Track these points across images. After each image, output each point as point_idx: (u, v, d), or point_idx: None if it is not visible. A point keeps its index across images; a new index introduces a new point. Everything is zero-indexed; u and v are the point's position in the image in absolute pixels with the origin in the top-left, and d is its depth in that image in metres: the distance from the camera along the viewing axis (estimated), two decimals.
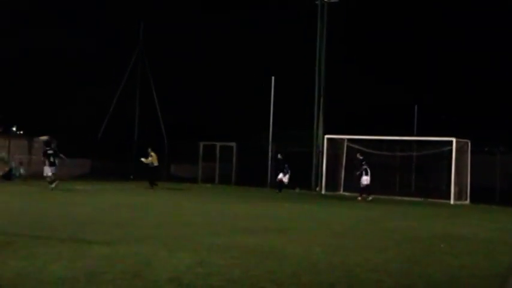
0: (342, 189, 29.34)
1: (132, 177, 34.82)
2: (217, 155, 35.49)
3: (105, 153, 35.31)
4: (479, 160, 27.50)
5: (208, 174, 34.78)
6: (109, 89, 39.04)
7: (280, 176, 28.60)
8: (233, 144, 34.76)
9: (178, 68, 44.25)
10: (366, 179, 25.31)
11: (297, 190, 29.66)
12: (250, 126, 40.18)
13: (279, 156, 29.47)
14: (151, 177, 27.76)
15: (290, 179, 28.65)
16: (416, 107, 39.65)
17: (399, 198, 26.83)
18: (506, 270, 7.29)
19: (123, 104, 38.79)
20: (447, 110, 41.71)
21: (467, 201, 26.00)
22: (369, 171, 25.38)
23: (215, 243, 10.49)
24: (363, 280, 7.86)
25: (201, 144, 35.42)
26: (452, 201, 25.51)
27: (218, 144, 35.58)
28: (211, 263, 8.54)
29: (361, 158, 26.01)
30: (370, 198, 25.06)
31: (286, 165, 28.70)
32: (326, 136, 30.40)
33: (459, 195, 26.10)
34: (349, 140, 29.70)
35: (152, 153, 28.06)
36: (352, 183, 27.93)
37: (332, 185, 29.44)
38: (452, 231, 14.42)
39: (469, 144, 26.91)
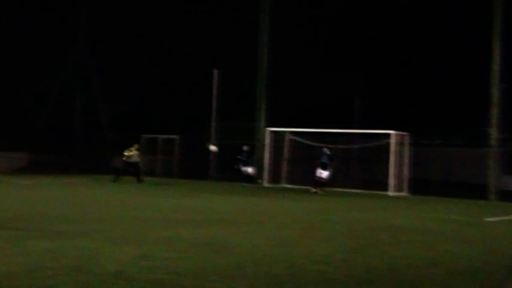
0: (284, 181, 29.62)
1: (72, 170, 34.21)
2: (159, 147, 35.25)
3: (44, 146, 34.55)
4: (418, 152, 28.28)
5: (151, 168, 34.52)
6: (48, 79, 38.16)
7: (247, 169, 28.32)
8: (176, 137, 34.58)
9: (120, 59, 43.59)
10: (327, 173, 25.43)
11: (259, 181, 29.78)
12: (193, 119, 40.01)
13: (245, 148, 29.15)
14: (135, 172, 27.44)
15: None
16: (357, 99, 40.35)
17: (341, 190, 27.31)
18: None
19: (64, 95, 38.02)
20: (387, 103, 42.54)
21: (406, 193, 26.69)
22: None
23: (160, 237, 10.45)
24: (306, 271, 8.00)
25: (143, 137, 35.10)
26: (391, 193, 26.15)
27: (160, 136, 35.34)
28: (156, 256, 8.52)
29: (328, 152, 26.06)
30: (314, 190, 25.36)
31: (252, 158, 28.55)
32: (268, 129, 30.61)
33: (398, 187, 26.77)
34: (291, 132, 30.01)
35: (134, 149, 27.83)
36: (295, 176, 28.28)
37: (274, 177, 29.70)
38: (392, 222, 14.80)
39: (408, 137, 27.61)
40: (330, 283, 7.35)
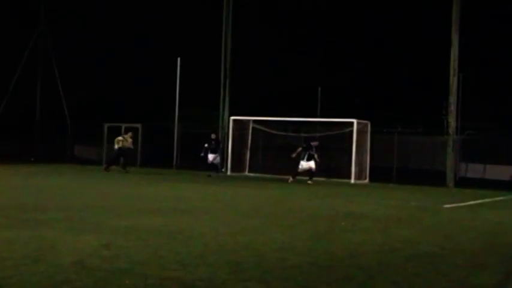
0: (247, 170, 29.70)
1: (33, 159, 33.69)
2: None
3: (3, 135, 33.93)
4: (378, 140, 28.67)
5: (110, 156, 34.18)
6: (7, 66, 37.40)
7: (213, 157, 27.88)
8: (138, 125, 34.32)
9: (82, 46, 42.98)
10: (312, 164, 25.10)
11: (223, 170, 29.74)
12: (156, 107, 39.76)
13: (213, 136, 28.60)
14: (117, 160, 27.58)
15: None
16: (319, 88, 40.61)
17: (304, 178, 27.49)
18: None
19: (24, 82, 37.33)
20: (349, 92, 42.94)
21: (367, 181, 27.04)
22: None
23: (121, 226, 10.42)
24: (268, 259, 8.08)
25: (106, 125, 34.72)
26: (352, 181, 26.46)
27: (123, 125, 35.01)
28: (117, 246, 8.50)
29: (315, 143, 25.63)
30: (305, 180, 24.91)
31: (220, 146, 28.25)
32: (231, 117, 30.61)
33: (359, 175, 27.09)
34: (254, 121, 30.07)
35: (128, 137, 27.74)
36: (258, 164, 28.36)
37: (238, 166, 29.74)
38: (352, 210, 15.01)
39: (369, 125, 27.94)
40: (292, 270, 7.44)
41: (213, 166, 27.53)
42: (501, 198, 21.10)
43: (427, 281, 7.16)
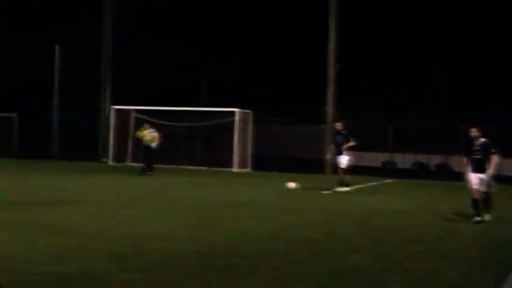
0: (129, 160, 29.29)
1: None
2: None
3: None
4: (260, 130, 29.24)
5: None
6: None
7: None
8: (14, 115, 32.83)
9: None
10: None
11: (104, 160, 29.01)
12: (34, 96, 38.12)
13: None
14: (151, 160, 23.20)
15: None
16: (202, 78, 40.72)
17: (187, 167, 27.56)
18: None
19: None
20: (232, 82, 43.35)
21: (249, 169, 27.51)
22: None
23: None
24: (151, 249, 8.05)
25: None
26: (235, 169, 26.83)
27: None
28: None
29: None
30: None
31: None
32: (113, 107, 30.03)
33: (242, 164, 27.52)
34: (136, 110, 29.68)
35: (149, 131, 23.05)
36: (140, 154, 27.99)
37: (119, 156, 29.26)
38: (235, 198, 15.26)
39: (251, 114, 28.40)
40: (175, 259, 7.48)
41: None
42: (373, 183, 22.25)
43: (306, 265, 7.45)
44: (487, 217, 11.74)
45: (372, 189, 20.28)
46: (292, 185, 17.45)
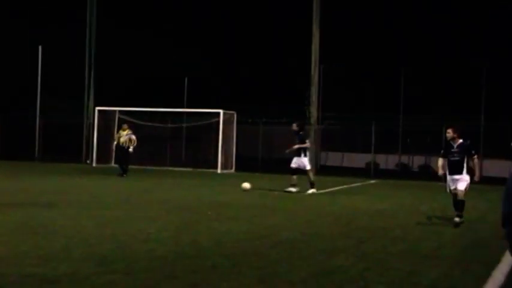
0: (113, 161, 29.18)
1: None
2: None
3: None
4: (244, 131, 29.29)
5: None
6: None
7: None
8: None
9: None
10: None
11: (88, 161, 28.92)
12: (15, 97, 37.82)
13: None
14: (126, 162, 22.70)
15: None
16: (186, 79, 40.61)
17: (170, 168, 27.52)
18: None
19: None
20: (215, 83, 43.35)
21: (233, 170, 27.53)
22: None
23: None
24: (135, 250, 8.06)
25: None
26: (219, 170, 26.83)
27: None
28: None
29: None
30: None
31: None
32: (97, 108, 29.91)
33: (225, 165, 27.53)
34: (120, 111, 29.58)
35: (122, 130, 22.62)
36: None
37: (103, 157, 29.14)
38: (218, 199, 15.27)
39: (235, 115, 28.43)
40: (158, 260, 7.48)
41: None
42: (357, 184, 22.37)
43: (290, 265, 7.49)
44: (456, 220, 11.26)
45: (355, 189, 20.39)
46: (247, 185, 17.44)
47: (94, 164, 28.74)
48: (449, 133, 11.35)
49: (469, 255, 8.79)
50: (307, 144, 18.00)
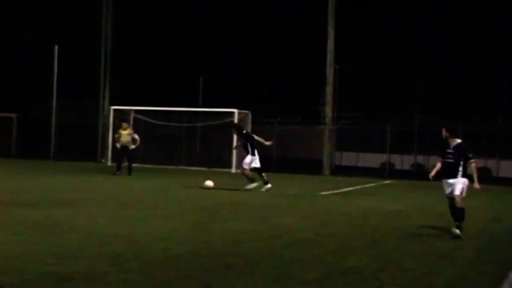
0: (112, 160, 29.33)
1: None
2: None
3: None
4: (259, 130, 29.22)
5: None
6: None
7: None
8: (13, 115, 32.85)
9: None
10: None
11: (103, 161, 29.10)
12: (32, 96, 38.12)
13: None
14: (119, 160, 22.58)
15: None
16: (201, 79, 40.73)
17: (185, 168, 27.58)
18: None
19: None
20: (230, 82, 43.40)
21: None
22: None
23: None
24: (150, 249, 8.09)
25: None
26: (233, 170, 26.84)
27: None
28: None
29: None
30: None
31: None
32: (112, 107, 30.05)
33: (240, 164, 27.49)
34: (136, 111, 29.71)
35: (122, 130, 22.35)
36: (138, 154, 28.02)
37: None
38: (233, 199, 15.27)
39: (250, 115, 28.43)
40: (173, 260, 7.51)
41: None
42: (371, 184, 22.29)
43: (304, 265, 7.49)
44: (455, 231, 10.05)
45: (370, 190, 20.33)
46: (209, 183, 17.53)
47: (109, 163, 28.87)
48: (443, 132, 10.41)
49: (484, 256, 8.74)
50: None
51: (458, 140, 10.36)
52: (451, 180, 10.23)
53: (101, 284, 6.29)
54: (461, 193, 10.17)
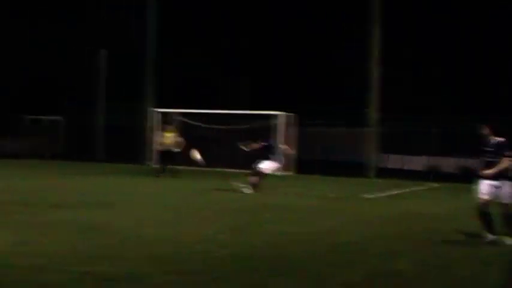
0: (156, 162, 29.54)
1: None
2: (43, 129, 34.01)
3: None
4: (302, 133, 29.14)
5: (34, 149, 33.25)
6: None
7: None
8: (60, 118, 33.52)
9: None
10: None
11: (148, 163, 29.47)
12: (79, 99, 38.85)
13: None
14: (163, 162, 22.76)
15: None
16: (244, 81, 40.81)
17: (228, 170, 27.62)
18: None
19: None
20: (275, 85, 43.35)
21: (292, 172, 27.42)
22: None
23: (39, 221, 10.13)
24: (192, 251, 8.10)
25: (27, 117, 33.72)
26: (278, 173, 26.75)
27: (44, 118, 34.10)
28: (36, 242, 8.31)
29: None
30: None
31: None
32: (156, 110, 30.37)
33: (285, 167, 27.41)
34: (179, 113, 29.93)
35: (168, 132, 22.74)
36: (183, 157, 28.28)
37: None
38: (276, 201, 15.21)
39: (295, 118, 28.34)
40: (214, 262, 7.50)
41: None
42: (417, 188, 21.93)
43: (346, 268, 7.39)
44: (509, 241, 9.32)
45: (415, 193, 19.99)
46: (196, 155, 17.75)
47: (154, 165, 29.15)
48: (483, 129, 9.62)
49: None
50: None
51: (498, 138, 9.48)
52: (495, 182, 9.33)
53: (143, 285, 6.33)
54: None
